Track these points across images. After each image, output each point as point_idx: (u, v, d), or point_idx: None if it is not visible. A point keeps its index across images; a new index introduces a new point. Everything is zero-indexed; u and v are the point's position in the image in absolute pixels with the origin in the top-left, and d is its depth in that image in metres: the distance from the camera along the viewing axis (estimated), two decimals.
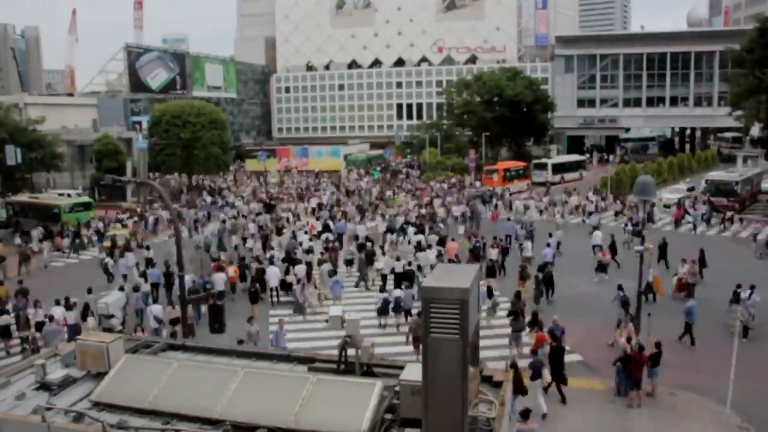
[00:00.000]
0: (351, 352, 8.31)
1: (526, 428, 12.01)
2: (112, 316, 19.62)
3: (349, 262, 28.69)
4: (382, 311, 21.71)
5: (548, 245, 28.46)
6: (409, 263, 25.90)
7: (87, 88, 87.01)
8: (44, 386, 8.15)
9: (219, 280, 24.10)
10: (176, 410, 7.30)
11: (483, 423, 7.07)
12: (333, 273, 25.39)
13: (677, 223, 38.28)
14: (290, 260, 27.40)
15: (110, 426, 7.00)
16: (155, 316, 20.29)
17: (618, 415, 15.29)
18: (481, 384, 7.52)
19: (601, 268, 26.86)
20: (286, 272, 26.30)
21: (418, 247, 29.35)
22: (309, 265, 26.35)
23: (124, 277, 26.30)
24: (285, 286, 25.37)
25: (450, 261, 27.19)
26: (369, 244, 30.02)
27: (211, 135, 59.00)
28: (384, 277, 25.60)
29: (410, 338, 19.34)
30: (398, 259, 25.99)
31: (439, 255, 28.01)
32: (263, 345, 17.77)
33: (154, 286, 24.45)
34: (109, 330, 17.56)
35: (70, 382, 8.22)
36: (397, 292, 22.14)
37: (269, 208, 43.41)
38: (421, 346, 18.29)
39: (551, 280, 24.18)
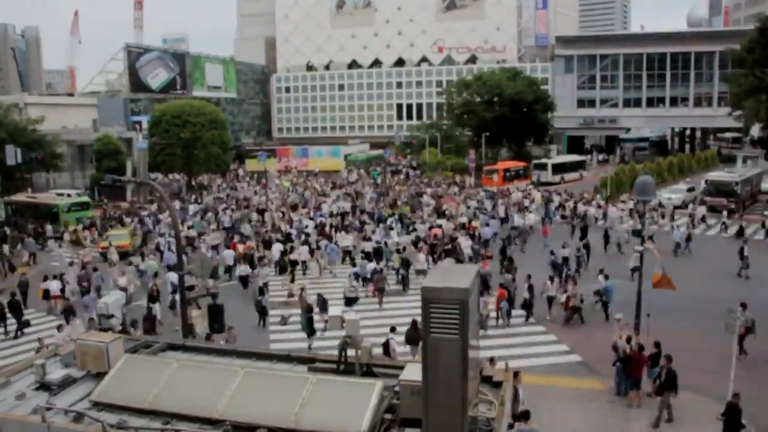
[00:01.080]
0: (351, 352, 8.31)
1: (527, 428, 12.00)
2: (112, 316, 19.63)
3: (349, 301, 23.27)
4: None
5: (488, 225, 33.69)
6: (377, 242, 29.69)
7: (87, 88, 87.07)
8: (44, 386, 8.15)
9: (228, 256, 28.36)
10: (176, 410, 7.30)
11: (483, 423, 7.07)
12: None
13: (605, 216, 38.19)
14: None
15: (110, 426, 7.00)
16: (171, 282, 23.36)
17: (618, 415, 15.29)
18: (480, 384, 7.51)
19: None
20: (291, 251, 29.35)
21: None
22: (309, 245, 30.44)
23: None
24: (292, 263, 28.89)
25: (433, 245, 29.75)
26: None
27: (211, 135, 59.03)
28: (349, 254, 29.96)
29: (375, 290, 24.11)
30: (368, 240, 30.11)
31: (418, 240, 30.06)
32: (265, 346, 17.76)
33: (169, 267, 27.32)
34: (109, 330, 17.58)
35: (69, 382, 8.22)
36: (370, 266, 25.54)
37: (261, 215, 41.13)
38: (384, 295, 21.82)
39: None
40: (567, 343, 20.12)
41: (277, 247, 29.41)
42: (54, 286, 24.83)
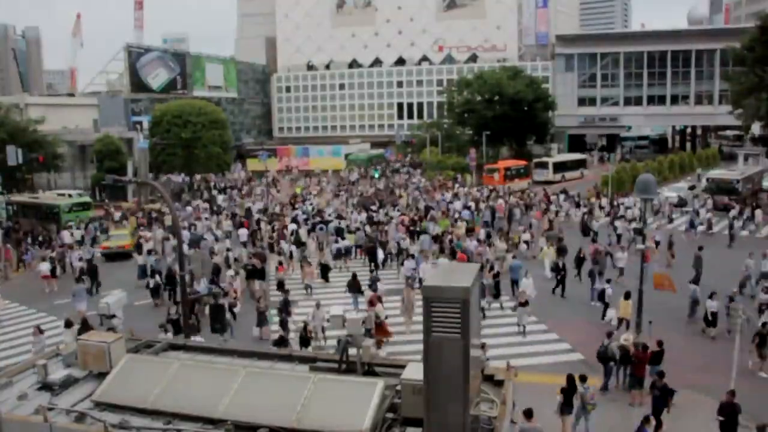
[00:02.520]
0: (352, 351, 8.30)
1: (529, 427, 12.01)
2: (114, 316, 19.62)
3: None
4: (337, 257, 30.36)
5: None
6: (339, 222, 35.19)
7: (88, 88, 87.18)
8: (46, 386, 8.16)
9: (243, 235, 33.89)
10: (178, 410, 7.30)
11: (484, 422, 7.07)
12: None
13: (545, 209, 38.99)
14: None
15: (112, 426, 7.00)
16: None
17: (619, 413, 15.28)
18: (482, 383, 7.51)
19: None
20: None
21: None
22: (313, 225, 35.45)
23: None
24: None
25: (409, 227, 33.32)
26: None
27: (212, 135, 58.89)
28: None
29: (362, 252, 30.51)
30: (339, 219, 36.16)
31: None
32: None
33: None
34: (111, 330, 17.59)
35: (71, 382, 8.22)
36: (342, 243, 31.27)
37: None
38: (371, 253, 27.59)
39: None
40: (569, 341, 20.12)
41: (292, 227, 34.98)
42: (44, 267, 28.23)
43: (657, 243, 29.44)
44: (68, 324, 19.21)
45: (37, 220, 41.12)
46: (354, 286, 23.35)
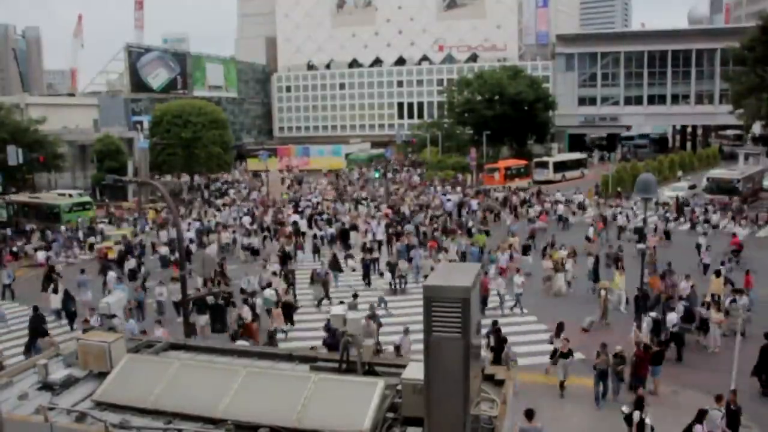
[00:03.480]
0: (353, 350, 8.29)
1: (530, 427, 12.02)
2: (114, 315, 19.62)
3: None
4: (331, 242, 33.44)
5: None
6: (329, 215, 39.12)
7: (88, 88, 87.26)
8: (46, 386, 8.15)
9: (245, 222, 37.57)
10: (178, 410, 7.30)
11: (485, 421, 7.07)
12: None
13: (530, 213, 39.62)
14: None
15: (112, 426, 7.00)
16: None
17: (620, 413, 15.25)
18: (483, 382, 7.51)
19: None
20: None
21: None
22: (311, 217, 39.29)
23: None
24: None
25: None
26: None
27: (212, 134, 58.94)
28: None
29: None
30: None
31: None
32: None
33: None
34: (111, 330, 17.59)
35: (72, 382, 8.22)
36: (329, 231, 34.53)
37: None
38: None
39: None
40: (570, 341, 20.09)
41: (295, 217, 38.15)
42: (40, 255, 31.05)
43: (706, 267, 25.71)
44: (53, 290, 23.48)
45: (37, 220, 41.15)
46: (334, 266, 26.87)
